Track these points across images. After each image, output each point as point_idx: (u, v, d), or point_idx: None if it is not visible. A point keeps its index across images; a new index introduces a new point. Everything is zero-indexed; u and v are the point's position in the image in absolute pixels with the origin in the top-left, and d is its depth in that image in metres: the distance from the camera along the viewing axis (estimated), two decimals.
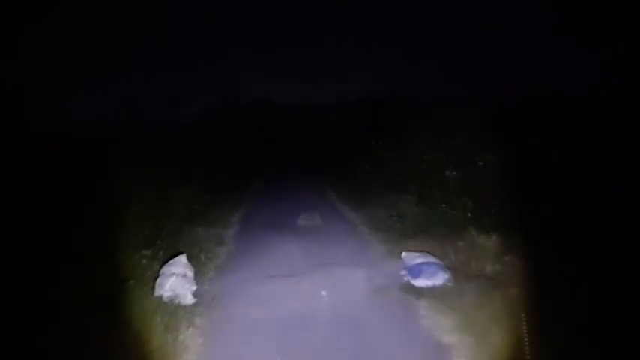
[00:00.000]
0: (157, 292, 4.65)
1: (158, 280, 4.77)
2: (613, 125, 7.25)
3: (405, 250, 5.85)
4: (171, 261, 5.13)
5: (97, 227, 5.52)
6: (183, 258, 5.16)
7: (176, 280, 4.73)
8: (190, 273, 5.03)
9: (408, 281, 5.11)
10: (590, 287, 4.07)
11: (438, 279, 4.98)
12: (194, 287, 4.87)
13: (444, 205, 7.57)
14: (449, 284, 4.92)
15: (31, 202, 5.27)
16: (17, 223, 4.78)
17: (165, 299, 4.53)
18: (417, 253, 5.65)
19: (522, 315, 3.77)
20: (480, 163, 8.49)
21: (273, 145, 21.65)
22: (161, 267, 5.10)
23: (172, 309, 4.39)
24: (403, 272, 5.31)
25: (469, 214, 7.22)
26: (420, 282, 4.99)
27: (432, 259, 5.49)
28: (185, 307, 4.52)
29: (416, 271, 5.15)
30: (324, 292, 4.93)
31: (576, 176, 6.17)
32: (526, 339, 3.40)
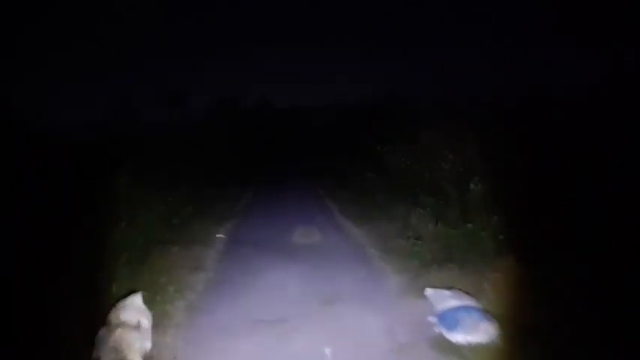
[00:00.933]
0: (95, 353, 3.31)
1: (99, 334, 3.44)
2: (613, 125, 6.80)
3: (430, 286, 4.58)
4: (121, 303, 3.80)
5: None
6: (137, 299, 3.83)
7: (123, 334, 3.40)
8: (146, 321, 3.70)
9: (441, 334, 3.80)
10: None
11: (481, 333, 3.67)
12: (148, 344, 3.54)
13: (469, 225, 6.28)
14: (498, 342, 3.62)
15: (31, 202, 5.18)
16: (17, 223, 4.69)
17: None
18: (447, 292, 4.37)
19: None
20: (507, 172, 7.31)
21: (269, 148, 20.58)
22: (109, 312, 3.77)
23: None
24: (432, 319, 4.01)
25: (501, 236, 5.95)
26: (459, 337, 3.69)
27: (467, 300, 4.20)
28: None
29: (450, 320, 3.85)
30: (327, 351, 3.62)
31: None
32: None
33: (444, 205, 7.49)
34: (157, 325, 3.88)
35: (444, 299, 4.25)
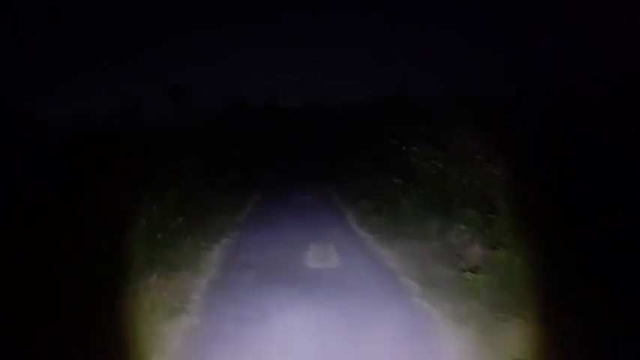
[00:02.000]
0: None
1: None
2: (613, 125, 6.53)
3: (505, 350, 3.10)
4: None
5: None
6: None
7: None
8: None
9: None
10: None
11: None
12: None
13: (539, 252, 4.74)
14: None
15: (32, 201, 5.11)
16: (18, 223, 4.62)
17: None
18: None
19: None
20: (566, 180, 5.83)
21: (274, 150, 19.09)
22: None
23: None
24: None
25: (591, 268, 4.41)
26: None
27: None
28: None
29: None
30: None
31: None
32: None
33: (493, 221, 5.99)
34: None
35: None
